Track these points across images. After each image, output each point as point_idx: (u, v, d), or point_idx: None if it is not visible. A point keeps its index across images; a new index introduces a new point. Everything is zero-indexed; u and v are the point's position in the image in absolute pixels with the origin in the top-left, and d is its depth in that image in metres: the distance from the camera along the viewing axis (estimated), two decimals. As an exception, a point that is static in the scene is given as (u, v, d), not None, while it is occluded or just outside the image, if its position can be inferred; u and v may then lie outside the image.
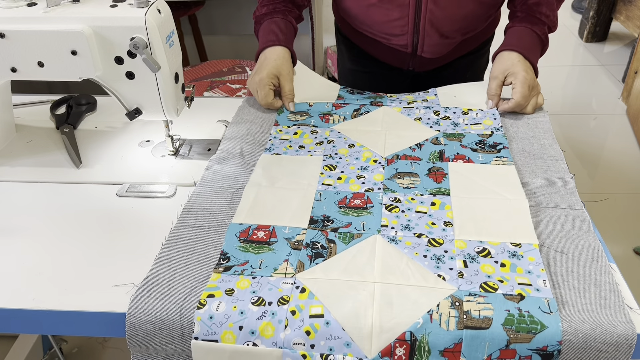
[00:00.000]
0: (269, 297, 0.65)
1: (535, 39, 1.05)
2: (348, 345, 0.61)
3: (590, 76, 3.02)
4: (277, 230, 0.76)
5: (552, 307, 0.63)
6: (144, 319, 0.64)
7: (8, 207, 0.84)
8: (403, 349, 0.61)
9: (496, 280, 0.67)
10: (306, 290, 0.65)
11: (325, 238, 0.74)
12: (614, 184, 2.16)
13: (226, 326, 0.63)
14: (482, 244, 0.72)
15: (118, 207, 0.84)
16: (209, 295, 0.65)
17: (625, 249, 1.84)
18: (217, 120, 1.05)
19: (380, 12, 1.11)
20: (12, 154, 0.97)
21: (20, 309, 0.67)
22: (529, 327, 0.61)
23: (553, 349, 0.60)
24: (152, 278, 0.69)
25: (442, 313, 0.62)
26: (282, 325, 0.62)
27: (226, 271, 0.69)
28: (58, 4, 0.84)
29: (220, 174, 0.88)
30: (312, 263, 0.70)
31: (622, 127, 2.53)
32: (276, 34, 1.09)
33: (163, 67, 0.84)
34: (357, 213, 0.79)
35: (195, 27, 2.36)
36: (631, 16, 3.00)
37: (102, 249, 0.75)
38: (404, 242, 0.73)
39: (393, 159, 0.90)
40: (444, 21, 1.09)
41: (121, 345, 1.56)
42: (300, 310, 0.63)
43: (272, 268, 0.69)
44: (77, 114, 1.07)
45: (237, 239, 0.74)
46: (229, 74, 1.83)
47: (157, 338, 0.64)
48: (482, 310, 0.63)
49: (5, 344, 1.41)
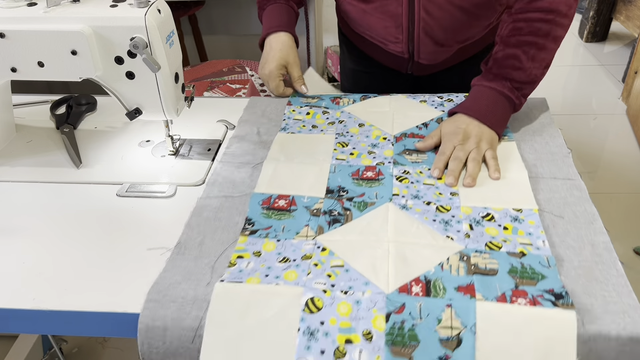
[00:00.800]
0: (293, 255, 0.71)
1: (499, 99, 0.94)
2: (367, 284, 0.66)
3: (590, 76, 3.02)
4: (296, 199, 0.81)
5: (551, 263, 0.68)
6: (175, 278, 0.69)
7: (8, 207, 0.84)
8: (419, 287, 0.65)
9: (500, 240, 0.72)
10: (327, 249, 0.71)
11: (342, 206, 0.80)
12: (614, 184, 2.16)
13: (253, 274, 0.68)
14: (486, 210, 0.78)
15: (118, 207, 0.84)
16: (239, 256, 0.71)
17: (626, 249, 1.84)
18: (217, 120, 1.05)
19: (374, 20, 1.11)
20: (12, 154, 0.97)
21: (20, 309, 0.67)
22: (531, 276, 0.67)
23: (561, 290, 0.64)
24: (184, 242, 0.74)
25: (451, 264, 0.68)
26: (305, 272, 0.68)
27: (252, 234, 0.75)
28: (58, 4, 0.84)
29: (240, 150, 0.94)
30: (330, 227, 0.76)
31: (622, 127, 2.53)
32: (279, 19, 1.12)
33: (163, 67, 0.84)
34: (369, 184, 0.84)
35: (195, 27, 2.36)
36: (631, 16, 3.00)
37: (102, 249, 0.75)
38: (414, 209, 0.79)
39: (401, 137, 0.96)
40: (438, 30, 1.07)
41: (121, 345, 1.56)
42: (322, 263, 0.69)
43: (294, 232, 0.75)
44: (77, 114, 1.07)
45: (259, 207, 0.80)
46: (229, 74, 1.83)
47: (182, 285, 0.68)
48: (488, 263, 0.69)
49: (5, 344, 1.41)
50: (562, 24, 0.93)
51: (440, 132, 0.93)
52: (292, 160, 0.90)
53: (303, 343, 0.61)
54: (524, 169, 0.86)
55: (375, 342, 0.60)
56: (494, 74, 0.95)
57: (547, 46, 0.94)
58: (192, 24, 2.35)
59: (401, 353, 0.60)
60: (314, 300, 0.64)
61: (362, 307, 0.63)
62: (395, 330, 0.61)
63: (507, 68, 0.94)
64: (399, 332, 0.61)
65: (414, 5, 1.04)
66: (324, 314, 0.62)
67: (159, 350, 0.64)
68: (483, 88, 0.96)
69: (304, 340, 0.61)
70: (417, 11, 1.04)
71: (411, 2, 1.04)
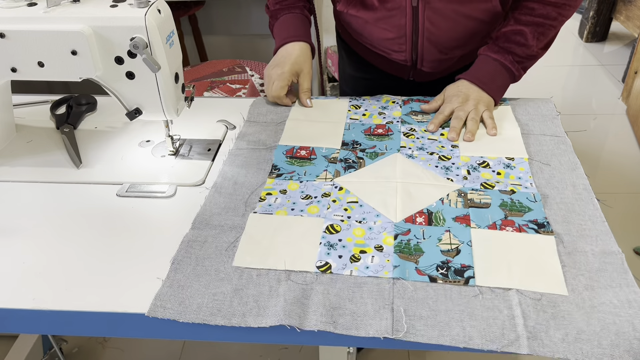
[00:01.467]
0: (315, 193, 0.84)
1: (498, 69, 1.03)
2: (378, 215, 0.79)
3: (590, 76, 3.02)
4: (316, 150, 0.95)
5: (537, 198, 0.81)
6: (214, 210, 0.81)
7: (8, 207, 0.84)
8: (422, 218, 0.78)
9: (493, 181, 0.86)
10: (343, 189, 0.85)
11: (355, 156, 0.93)
12: (614, 184, 2.16)
13: (281, 208, 0.81)
14: (482, 158, 0.91)
15: (118, 207, 0.84)
16: (267, 193, 0.84)
17: (625, 249, 1.84)
18: (217, 120, 1.05)
19: (377, 31, 1.10)
20: (12, 154, 0.97)
21: (20, 309, 0.67)
22: (519, 209, 0.80)
23: (543, 221, 0.77)
24: (219, 183, 0.87)
25: (450, 199, 0.82)
26: (325, 207, 0.81)
27: (278, 177, 0.88)
28: (58, 4, 0.84)
29: (264, 111, 1.06)
30: (346, 172, 0.89)
31: (622, 127, 2.53)
32: (295, 29, 1.11)
33: (163, 67, 0.84)
34: (380, 139, 0.97)
35: (195, 27, 2.36)
36: (631, 16, 3.00)
37: (102, 249, 0.75)
38: (419, 158, 0.92)
39: (408, 101, 1.09)
40: (442, 39, 1.07)
41: (121, 345, 1.56)
42: (340, 200, 0.82)
43: (315, 175, 0.88)
44: (77, 114, 1.07)
45: (284, 156, 0.93)
46: (229, 74, 1.83)
47: (221, 217, 0.80)
48: (483, 198, 0.82)
49: (5, 344, 1.41)
50: (572, 5, 0.99)
51: (444, 95, 1.05)
52: (310, 120, 1.03)
53: (324, 251, 0.73)
54: (517, 127, 0.98)
55: (386, 251, 0.73)
56: (500, 46, 1.03)
57: (554, 28, 1.01)
58: (192, 24, 2.35)
59: (408, 259, 0.72)
60: (334, 226, 0.77)
61: (374, 231, 0.76)
62: (402, 244, 0.74)
63: (512, 43, 1.01)
64: (405, 245, 0.74)
65: (418, 16, 1.03)
66: (342, 235, 0.76)
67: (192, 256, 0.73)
68: (488, 58, 1.04)
69: (324, 249, 0.74)
70: (422, 22, 1.04)
71: (415, 14, 1.03)
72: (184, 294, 0.68)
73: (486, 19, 1.06)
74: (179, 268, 0.71)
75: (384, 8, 1.04)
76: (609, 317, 0.63)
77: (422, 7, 1.01)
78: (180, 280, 0.69)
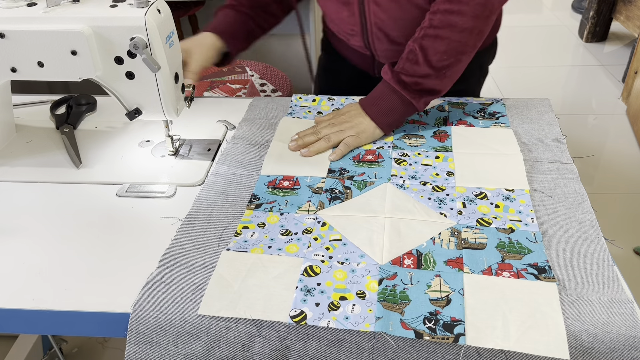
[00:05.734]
0: (295, 229, 0.77)
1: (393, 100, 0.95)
2: (362, 256, 0.72)
3: (590, 76, 3.02)
4: (300, 179, 0.87)
5: (538, 238, 0.73)
6: (185, 247, 0.74)
7: (8, 207, 0.84)
8: (411, 260, 0.71)
9: (491, 217, 0.77)
10: (326, 224, 0.77)
11: (342, 185, 0.85)
12: (614, 184, 2.16)
13: (257, 245, 0.74)
14: (480, 189, 0.83)
15: (118, 207, 0.84)
16: (244, 227, 0.77)
17: (625, 249, 1.84)
18: (217, 120, 1.05)
19: (332, 8, 1.06)
20: (12, 154, 0.97)
21: (20, 309, 0.67)
22: (518, 250, 0.72)
23: (544, 265, 0.69)
24: (194, 214, 0.80)
25: (442, 239, 0.74)
26: (305, 246, 0.74)
27: (257, 208, 0.81)
28: (58, 4, 0.84)
29: (249, 132, 1.00)
30: (331, 203, 0.82)
31: (622, 127, 2.53)
32: (216, 23, 1.05)
33: (163, 67, 0.84)
34: (369, 165, 0.90)
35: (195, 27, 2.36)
36: (631, 16, 3.00)
37: (102, 249, 0.75)
38: (411, 189, 0.84)
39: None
40: (390, 25, 1.01)
41: (121, 345, 1.55)
42: (322, 238, 0.75)
43: (297, 206, 0.81)
44: (77, 114, 1.07)
45: (265, 187, 0.86)
46: (229, 74, 1.83)
47: (192, 254, 0.73)
48: (478, 238, 0.74)
49: (5, 344, 1.41)
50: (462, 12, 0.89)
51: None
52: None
53: (299, 297, 0.66)
54: (519, 153, 0.89)
55: (368, 299, 0.65)
56: (392, 69, 0.95)
57: (443, 39, 0.90)
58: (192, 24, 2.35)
59: (393, 308, 0.64)
60: (313, 268, 0.70)
61: (356, 274, 0.69)
62: (387, 291, 0.66)
63: (404, 62, 0.93)
64: (390, 292, 0.66)
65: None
66: (321, 278, 0.68)
67: (155, 300, 0.66)
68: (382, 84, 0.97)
69: (300, 295, 0.66)
70: (367, 3, 0.99)
71: None
72: (154, 356, 0.64)
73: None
74: (141, 317, 0.64)
75: None
76: None
77: None
78: (145, 335, 0.64)
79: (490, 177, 0.85)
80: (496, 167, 0.87)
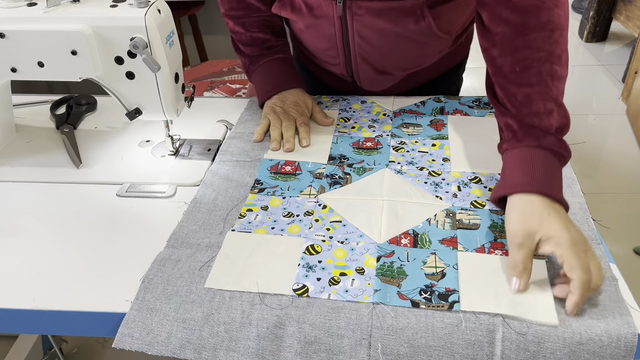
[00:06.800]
0: (297, 211, 0.80)
1: (549, 159, 0.73)
2: (361, 236, 0.75)
3: (590, 76, 3.02)
4: (301, 165, 0.90)
5: None
6: (192, 228, 0.77)
7: (8, 207, 0.84)
8: (407, 240, 0.74)
9: (484, 199, 0.81)
10: (327, 207, 0.80)
11: (342, 171, 0.88)
12: (614, 184, 2.16)
13: (261, 227, 0.77)
14: (474, 174, 0.86)
15: (118, 207, 0.84)
16: (248, 209, 0.80)
17: (625, 249, 1.84)
18: (217, 120, 1.05)
19: (310, 39, 1.05)
20: (12, 154, 0.97)
21: (20, 309, 0.67)
22: None
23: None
24: (199, 198, 0.83)
25: (438, 220, 0.77)
26: (307, 226, 0.77)
27: (260, 192, 0.84)
28: (58, 4, 0.84)
29: (251, 124, 1.03)
30: (331, 188, 0.85)
31: (622, 127, 2.53)
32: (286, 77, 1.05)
33: (163, 67, 0.84)
34: (368, 153, 0.93)
35: (195, 27, 2.36)
36: (631, 16, 3.00)
37: (102, 249, 0.75)
38: (408, 174, 0.87)
39: (400, 112, 1.04)
40: (375, 56, 1.01)
41: (121, 345, 1.55)
42: (322, 219, 0.78)
43: (299, 190, 0.84)
44: (77, 114, 1.07)
45: (268, 172, 0.89)
46: (229, 74, 1.83)
47: (198, 234, 0.76)
48: (472, 219, 0.77)
49: (5, 344, 1.41)
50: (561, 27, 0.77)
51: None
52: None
53: (302, 273, 0.69)
54: None
55: (367, 274, 0.69)
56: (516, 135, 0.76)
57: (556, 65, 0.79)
58: (192, 24, 2.35)
59: (390, 282, 0.67)
60: (314, 247, 0.73)
61: (356, 252, 0.72)
62: (385, 267, 0.70)
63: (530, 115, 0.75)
64: (388, 268, 0.70)
65: (347, 28, 0.97)
66: (322, 256, 0.72)
67: (164, 275, 0.69)
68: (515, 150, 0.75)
69: (302, 271, 0.70)
70: (352, 35, 0.97)
71: (344, 25, 0.96)
72: (153, 320, 0.65)
73: (422, 40, 0.99)
74: (149, 288, 0.67)
75: (311, 15, 0.98)
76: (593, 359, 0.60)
77: (350, 19, 0.95)
78: (149, 302, 0.66)
79: (484, 162, 0.88)
80: (490, 154, 0.88)
